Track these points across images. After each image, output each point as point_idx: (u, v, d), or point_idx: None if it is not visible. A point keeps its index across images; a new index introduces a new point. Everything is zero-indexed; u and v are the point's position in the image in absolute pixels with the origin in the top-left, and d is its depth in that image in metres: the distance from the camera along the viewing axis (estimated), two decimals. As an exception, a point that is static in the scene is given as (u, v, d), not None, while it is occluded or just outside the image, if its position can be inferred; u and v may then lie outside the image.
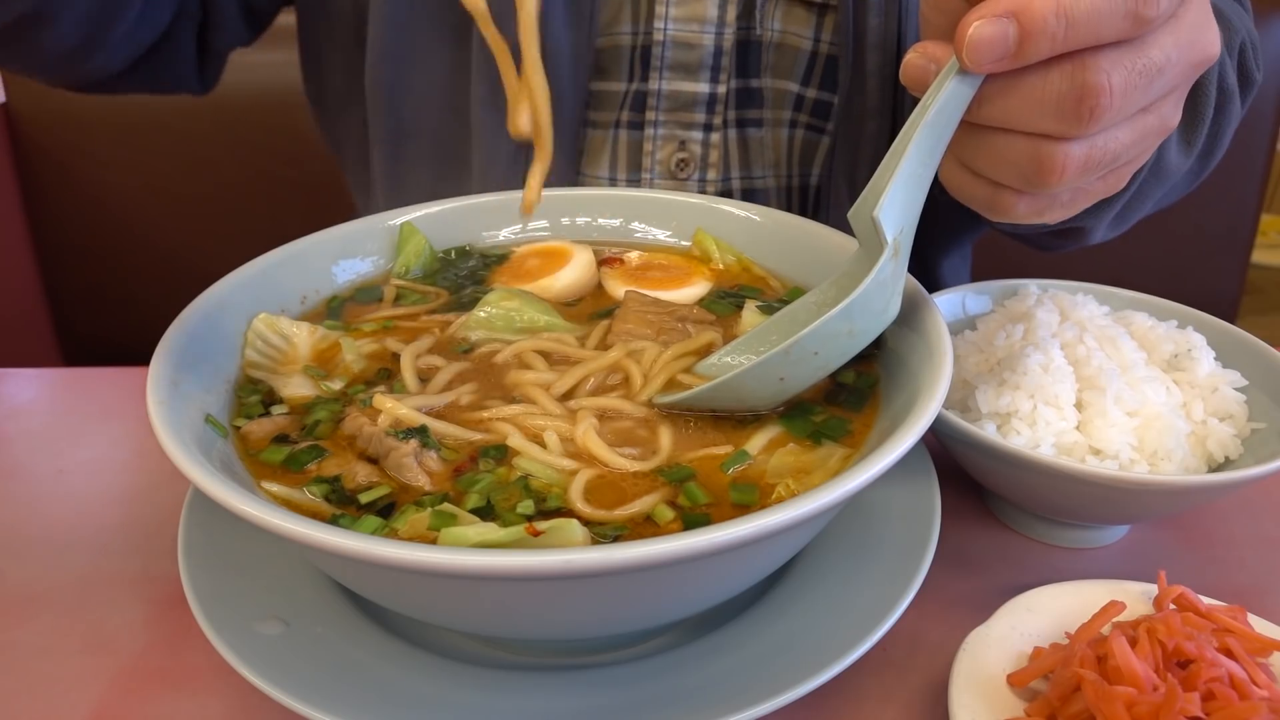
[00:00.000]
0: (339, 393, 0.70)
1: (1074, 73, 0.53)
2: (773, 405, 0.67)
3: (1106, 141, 0.57)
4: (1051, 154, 0.56)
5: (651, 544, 0.47)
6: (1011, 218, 0.63)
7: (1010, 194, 0.61)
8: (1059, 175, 0.57)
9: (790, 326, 0.72)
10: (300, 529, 0.49)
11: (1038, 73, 0.54)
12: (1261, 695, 0.56)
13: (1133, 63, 0.54)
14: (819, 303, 0.72)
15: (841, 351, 0.63)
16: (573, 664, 0.63)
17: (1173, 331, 0.80)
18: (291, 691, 0.56)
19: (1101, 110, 0.54)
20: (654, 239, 0.91)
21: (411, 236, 0.85)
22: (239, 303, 0.73)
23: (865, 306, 0.62)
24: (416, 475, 0.61)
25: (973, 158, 0.61)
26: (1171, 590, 0.65)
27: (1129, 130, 0.58)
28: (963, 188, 0.63)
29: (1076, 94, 0.53)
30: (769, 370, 0.63)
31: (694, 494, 0.60)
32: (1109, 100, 0.53)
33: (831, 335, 0.62)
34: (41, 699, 0.65)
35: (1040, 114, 0.55)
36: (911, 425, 0.56)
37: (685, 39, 1.01)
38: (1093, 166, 0.57)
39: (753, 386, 0.64)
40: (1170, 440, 0.72)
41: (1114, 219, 0.94)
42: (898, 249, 0.62)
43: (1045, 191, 0.60)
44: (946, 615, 0.71)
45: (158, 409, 0.58)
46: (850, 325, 0.62)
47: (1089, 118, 0.54)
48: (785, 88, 1.05)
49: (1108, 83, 0.53)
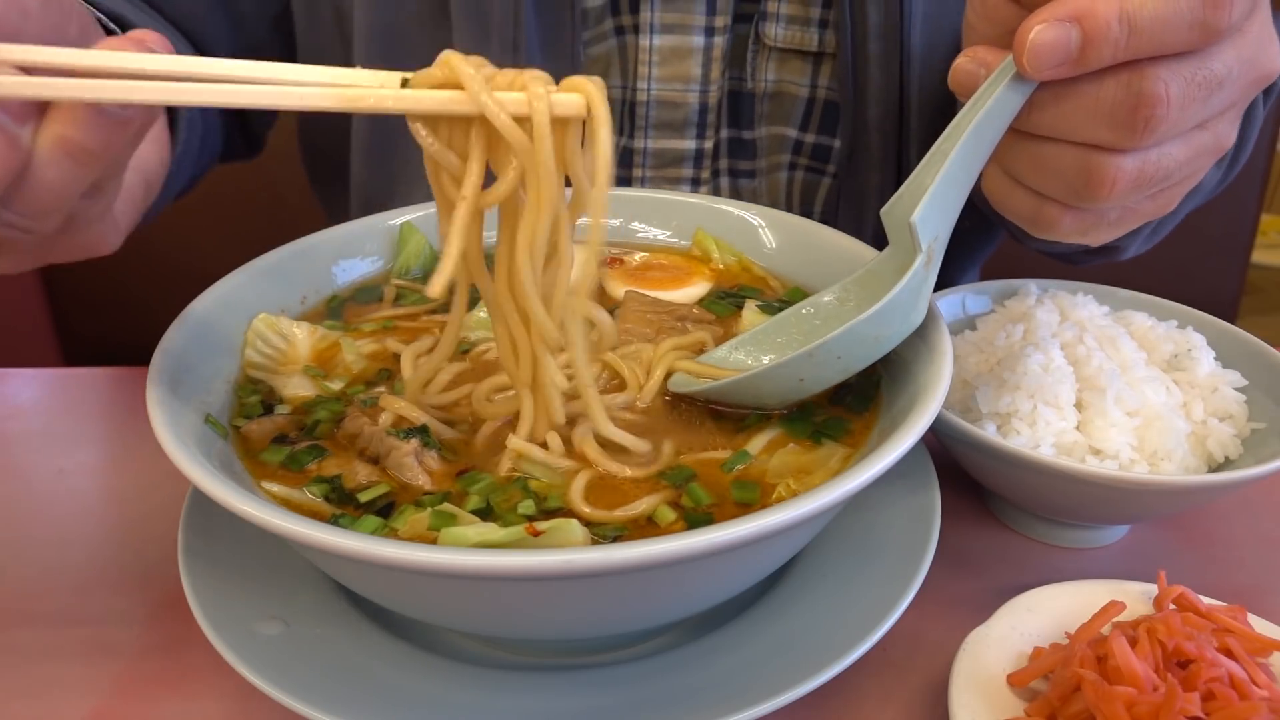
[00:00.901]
0: (339, 392, 0.70)
1: (1131, 81, 0.51)
2: (786, 404, 0.66)
3: (1160, 157, 0.54)
4: (1102, 166, 0.54)
5: (652, 544, 0.47)
6: (1056, 234, 0.60)
7: (1056, 208, 0.59)
8: (1108, 189, 0.54)
9: (801, 325, 0.71)
10: (300, 529, 0.49)
11: (1092, 79, 0.52)
12: (1261, 695, 0.56)
13: (1193, 73, 0.52)
14: (840, 300, 0.71)
15: (865, 356, 0.63)
16: (573, 664, 0.63)
17: (1173, 331, 0.80)
18: (291, 691, 0.56)
19: (1157, 121, 0.51)
20: (654, 239, 0.91)
21: (411, 236, 0.85)
22: (239, 303, 0.73)
23: (894, 311, 0.61)
24: (417, 475, 0.61)
25: (1019, 167, 0.59)
26: (1171, 590, 0.65)
27: (1183, 147, 0.55)
28: (1006, 199, 0.61)
29: (1132, 103, 0.51)
30: (790, 370, 0.62)
31: (697, 494, 0.60)
32: (1165, 111, 0.51)
33: (858, 340, 0.61)
34: (41, 699, 0.65)
35: (1093, 123, 0.53)
36: (911, 425, 0.56)
37: (669, 98, 1.00)
38: (1144, 183, 0.55)
39: (772, 385, 0.64)
40: (1170, 440, 0.72)
41: (1149, 234, 0.91)
42: (931, 255, 0.60)
43: (1093, 206, 0.57)
44: (946, 615, 0.70)
45: (158, 409, 0.58)
46: (878, 331, 0.61)
47: (1143, 129, 0.52)
48: (782, 133, 1.04)
49: (1165, 93, 0.51)
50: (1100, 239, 0.61)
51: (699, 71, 0.99)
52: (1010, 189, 0.60)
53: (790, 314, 0.73)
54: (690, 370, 0.70)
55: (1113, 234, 0.61)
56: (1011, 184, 0.60)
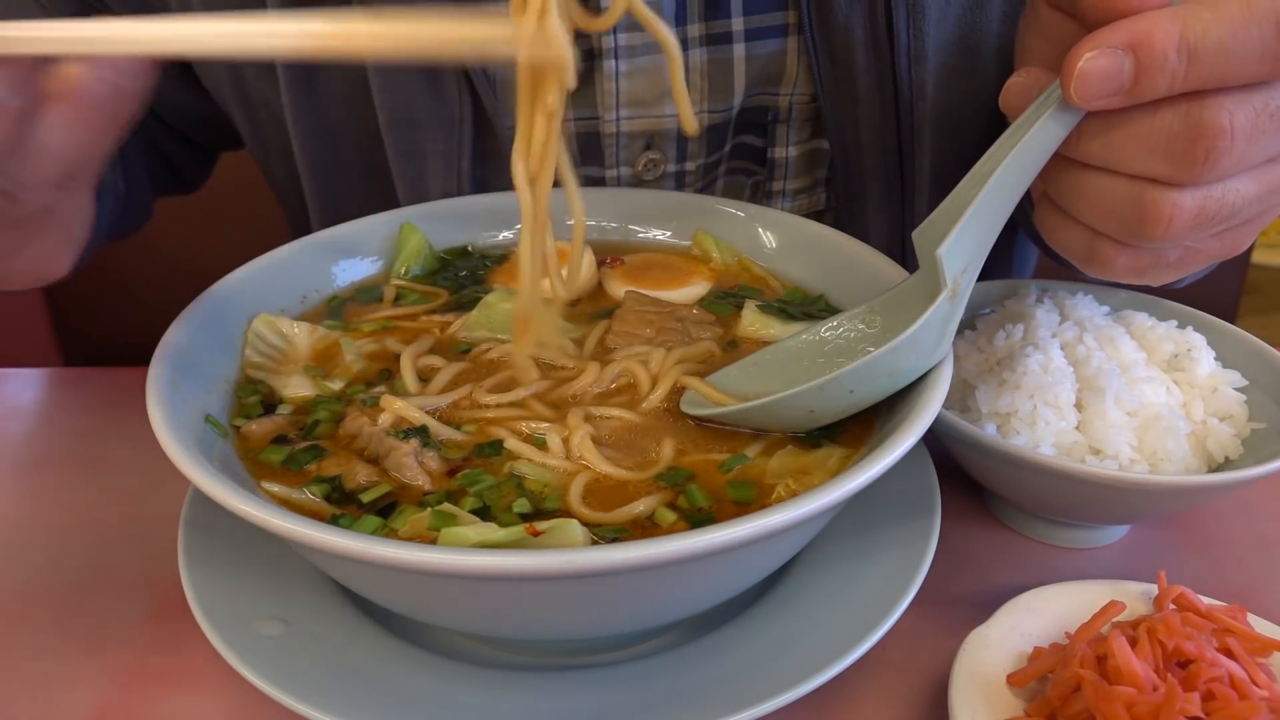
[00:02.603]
0: (339, 392, 0.70)
1: (1190, 110, 0.47)
2: (797, 430, 0.65)
3: (1225, 193, 0.49)
4: (1157, 201, 0.49)
5: (652, 544, 0.47)
6: (1111, 273, 0.56)
7: (1110, 245, 0.54)
8: (1164, 227, 0.50)
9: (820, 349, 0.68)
10: (300, 529, 0.49)
11: (1146, 107, 0.48)
12: (1261, 695, 0.56)
13: (1263, 104, 0.47)
14: (866, 323, 0.68)
15: (879, 390, 0.61)
16: (573, 664, 0.63)
17: (1173, 331, 0.80)
18: (291, 691, 0.56)
19: (1219, 154, 0.47)
20: (654, 239, 0.91)
21: (411, 236, 0.85)
22: (239, 303, 0.73)
23: (912, 349, 0.58)
24: (416, 475, 0.61)
25: (1070, 200, 0.54)
26: (1171, 590, 0.65)
27: (1253, 182, 0.50)
28: (1058, 234, 0.57)
29: (1191, 134, 0.47)
30: (801, 401, 0.61)
31: (695, 496, 0.60)
32: (1229, 144, 0.47)
33: (873, 375, 0.59)
34: (41, 699, 0.65)
35: (1147, 154, 0.49)
36: (911, 425, 0.56)
37: None
38: (1205, 221, 0.50)
39: (782, 413, 0.63)
40: (1170, 440, 0.72)
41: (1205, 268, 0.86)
42: (956, 290, 0.57)
43: (1149, 245, 0.52)
44: (946, 615, 0.70)
45: (158, 409, 0.58)
46: (893, 367, 0.59)
47: (1203, 161, 0.47)
48: None
49: (1229, 124, 0.46)
50: (1160, 281, 0.57)
51: None
52: (1061, 223, 0.56)
53: (814, 332, 0.70)
54: (701, 391, 0.69)
55: (1174, 275, 0.56)
56: (1063, 218, 0.56)
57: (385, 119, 0.88)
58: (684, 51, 0.87)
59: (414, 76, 0.86)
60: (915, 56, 0.84)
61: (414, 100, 0.87)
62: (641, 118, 0.89)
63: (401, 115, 0.88)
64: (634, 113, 0.89)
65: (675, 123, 0.89)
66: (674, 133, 0.90)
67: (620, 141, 0.91)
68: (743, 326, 0.77)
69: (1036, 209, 0.59)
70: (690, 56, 0.87)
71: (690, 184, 0.95)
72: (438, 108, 0.86)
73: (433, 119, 0.87)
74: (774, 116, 0.92)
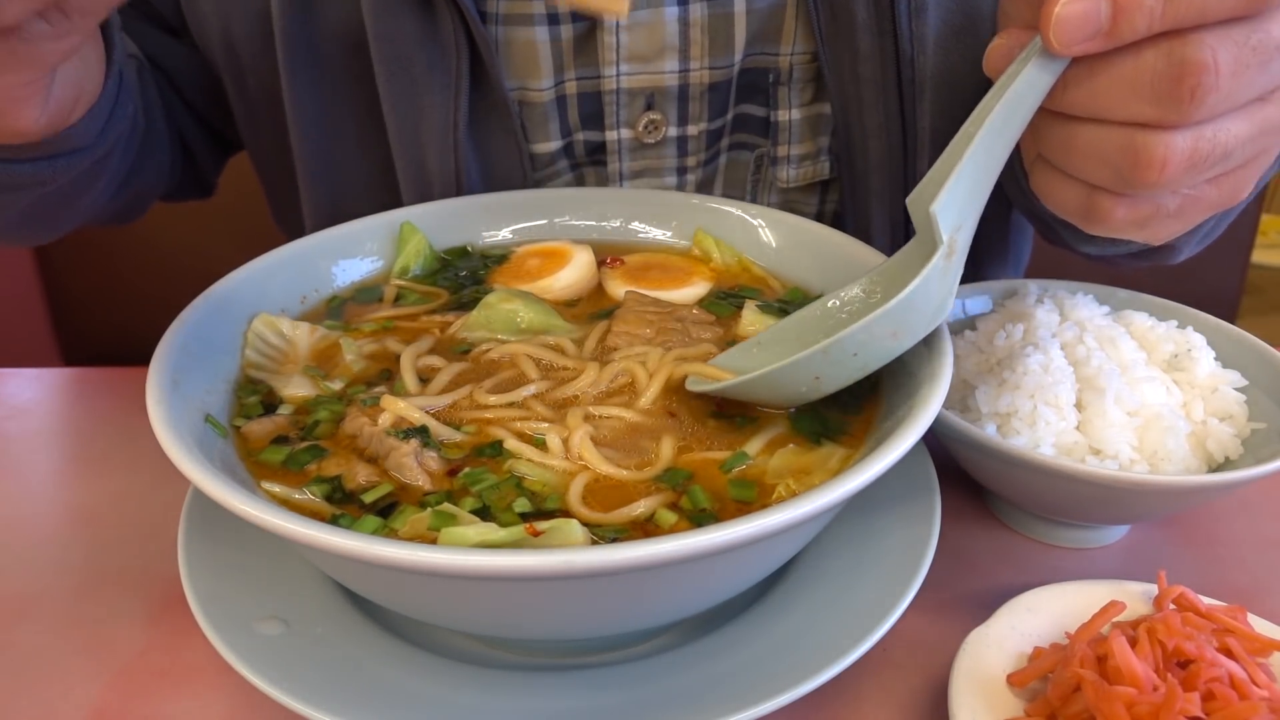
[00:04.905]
0: (339, 392, 0.70)
1: (1173, 48, 0.47)
2: (803, 402, 0.65)
3: (1215, 132, 0.49)
4: (1149, 145, 0.49)
5: (652, 544, 0.47)
6: (1111, 227, 0.55)
7: (1107, 197, 0.54)
8: (1159, 171, 0.49)
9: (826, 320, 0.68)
10: (300, 529, 0.49)
11: (1129, 50, 0.48)
12: (1261, 695, 0.56)
13: (1245, 37, 0.47)
14: (866, 293, 0.69)
15: (883, 354, 0.60)
16: (573, 664, 0.63)
17: (1173, 331, 0.80)
18: (291, 691, 0.56)
19: (1205, 91, 0.47)
20: (654, 239, 0.91)
21: (411, 236, 0.85)
22: (239, 303, 0.73)
23: (911, 308, 0.58)
24: (416, 475, 0.61)
25: (1062, 155, 0.54)
26: (1171, 590, 0.65)
27: (1244, 122, 0.50)
28: (1054, 192, 0.57)
29: (1175, 72, 0.47)
30: (805, 368, 0.60)
31: (697, 497, 0.60)
32: (1214, 80, 0.46)
33: (874, 336, 0.59)
34: (41, 699, 0.65)
35: (1134, 97, 0.48)
36: (911, 425, 0.56)
37: None
38: (1200, 163, 0.50)
39: (787, 381, 0.62)
40: (1170, 440, 0.72)
41: (1206, 232, 0.83)
42: (953, 248, 0.56)
43: (1145, 192, 0.52)
44: (946, 615, 0.71)
45: (158, 409, 0.58)
46: (895, 328, 0.58)
47: (1190, 100, 0.47)
48: None
49: (1212, 59, 0.46)
50: (1162, 233, 0.56)
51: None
52: (1057, 181, 0.56)
53: (816, 307, 0.70)
54: (702, 373, 0.69)
55: (1177, 227, 0.56)
56: (1058, 176, 0.56)
57: (381, 66, 0.87)
58: (684, 4, 0.88)
59: (412, 25, 0.85)
60: (915, 10, 0.85)
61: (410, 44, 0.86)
62: (642, 74, 0.91)
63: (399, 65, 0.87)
64: (634, 68, 0.90)
65: (676, 80, 0.91)
66: (675, 91, 0.92)
67: (620, 99, 0.92)
68: (743, 327, 0.77)
69: (1031, 174, 0.58)
70: (690, 10, 0.88)
71: (693, 152, 0.96)
72: (434, 57, 0.86)
73: (429, 68, 0.87)
74: (775, 78, 0.93)
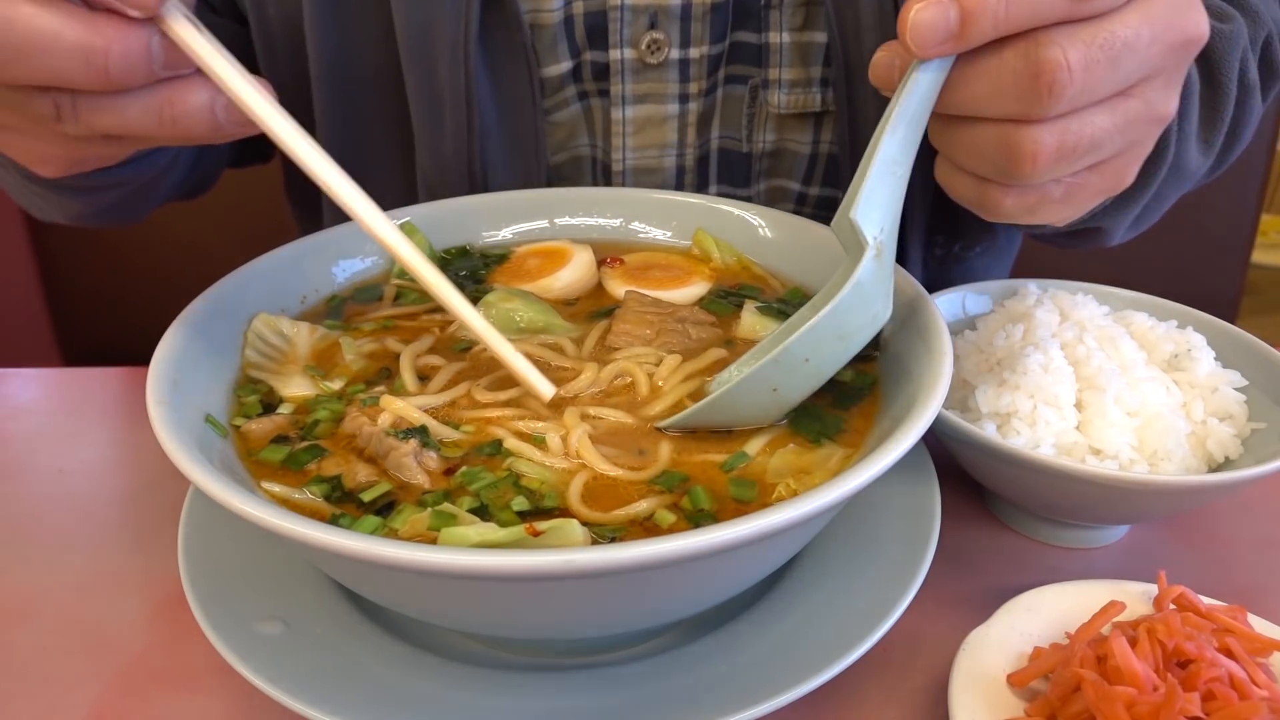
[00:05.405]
0: (339, 392, 0.70)
1: (1028, 50, 0.52)
2: (774, 418, 0.65)
3: (1081, 125, 0.55)
4: (1020, 140, 0.54)
5: (652, 544, 0.47)
6: (1003, 214, 0.60)
7: (995, 188, 0.59)
8: (1031, 164, 0.54)
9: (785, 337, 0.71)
10: (300, 529, 0.49)
11: (993, 53, 0.53)
12: (1261, 695, 0.56)
13: (1091, 37, 0.52)
14: (815, 307, 0.70)
15: (834, 358, 0.62)
16: (573, 664, 0.63)
17: (1173, 331, 0.80)
18: (291, 691, 0.56)
19: (1061, 86, 0.52)
20: (654, 239, 0.91)
21: (411, 236, 0.85)
22: (239, 303, 0.73)
23: (851, 310, 0.60)
24: (416, 474, 0.61)
25: (953, 151, 0.60)
26: (1171, 590, 0.65)
27: (1107, 114, 0.55)
28: (953, 185, 0.62)
29: (1032, 71, 0.52)
30: (760, 381, 0.62)
31: (699, 498, 0.60)
32: (1067, 75, 0.52)
33: (820, 341, 0.61)
34: (41, 699, 0.65)
35: (1001, 96, 0.54)
36: (911, 425, 0.56)
37: (646, 165, 1.00)
38: (1068, 154, 0.55)
39: (747, 400, 0.63)
40: (1170, 440, 0.72)
41: (1134, 220, 0.89)
42: (880, 249, 0.60)
43: (1023, 182, 0.57)
44: (946, 615, 0.71)
45: (158, 409, 0.58)
46: (839, 330, 0.61)
47: (1049, 95, 0.52)
48: (784, 186, 1.03)
49: (1064, 58, 0.52)
50: (1055, 217, 0.61)
51: (674, 137, 0.99)
52: (953, 174, 0.61)
53: (776, 332, 0.73)
54: None
55: (1067, 212, 0.61)
56: (953, 169, 0.61)
57: None
58: None
59: None
60: None
61: None
62: None
63: None
64: None
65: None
66: (677, 10, 0.93)
67: (624, 18, 0.93)
68: (742, 327, 0.77)
69: (936, 169, 0.63)
70: None
71: (695, 78, 0.96)
72: None
73: None
74: (766, 1, 0.94)
